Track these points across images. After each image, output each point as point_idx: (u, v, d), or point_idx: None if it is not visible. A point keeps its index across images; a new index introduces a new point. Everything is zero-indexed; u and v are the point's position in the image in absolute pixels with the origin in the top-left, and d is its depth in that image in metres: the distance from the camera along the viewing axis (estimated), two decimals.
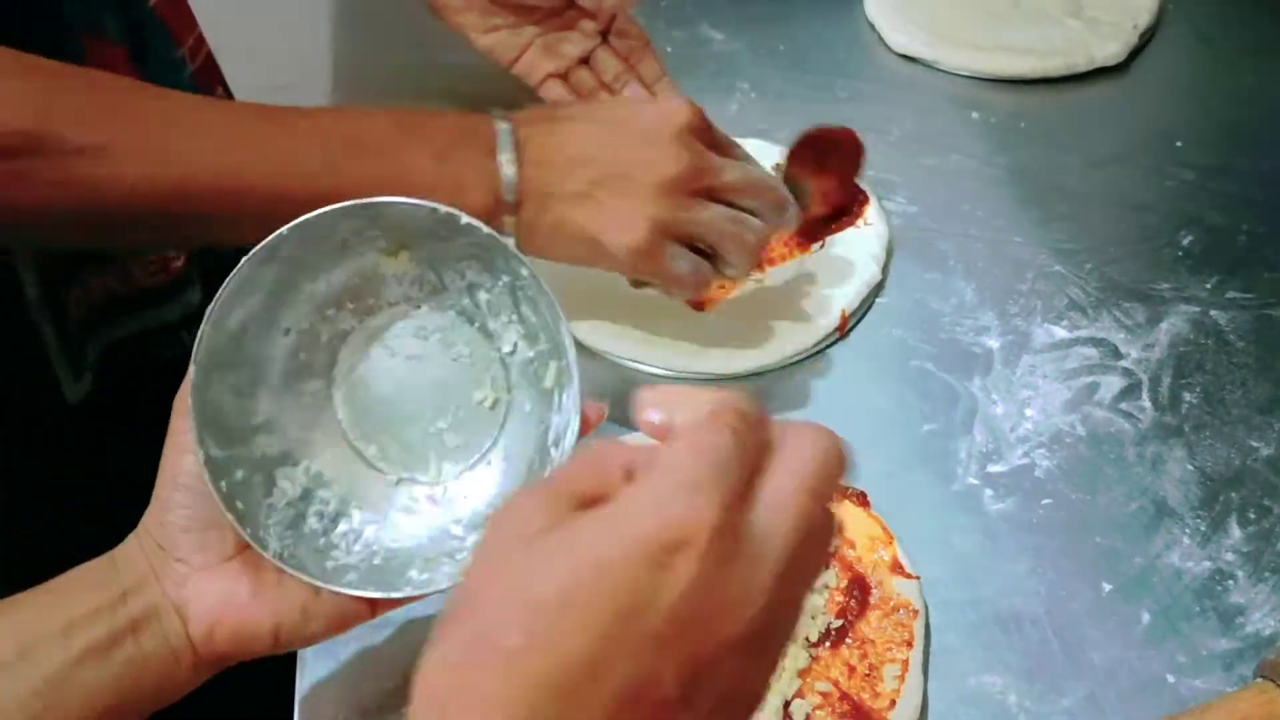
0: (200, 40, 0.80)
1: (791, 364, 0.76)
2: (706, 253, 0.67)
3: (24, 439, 0.71)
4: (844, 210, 0.79)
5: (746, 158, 0.70)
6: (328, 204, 0.52)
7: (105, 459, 0.75)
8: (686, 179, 0.64)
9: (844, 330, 0.78)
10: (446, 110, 0.72)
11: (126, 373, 0.73)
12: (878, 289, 0.81)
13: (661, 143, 0.64)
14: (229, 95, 0.85)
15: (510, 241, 0.57)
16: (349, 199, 0.52)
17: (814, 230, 0.77)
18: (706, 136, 0.67)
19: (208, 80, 0.81)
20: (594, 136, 0.65)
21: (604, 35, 0.88)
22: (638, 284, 0.71)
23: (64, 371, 0.68)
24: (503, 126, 0.63)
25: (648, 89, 0.88)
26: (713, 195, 0.66)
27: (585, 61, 0.88)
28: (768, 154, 0.85)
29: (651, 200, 0.64)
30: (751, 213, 0.67)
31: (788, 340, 0.76)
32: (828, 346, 0.77)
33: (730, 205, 0.67)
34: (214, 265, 0.80)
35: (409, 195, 0.54)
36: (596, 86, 0.88)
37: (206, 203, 0.57)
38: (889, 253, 0.83)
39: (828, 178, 0.78)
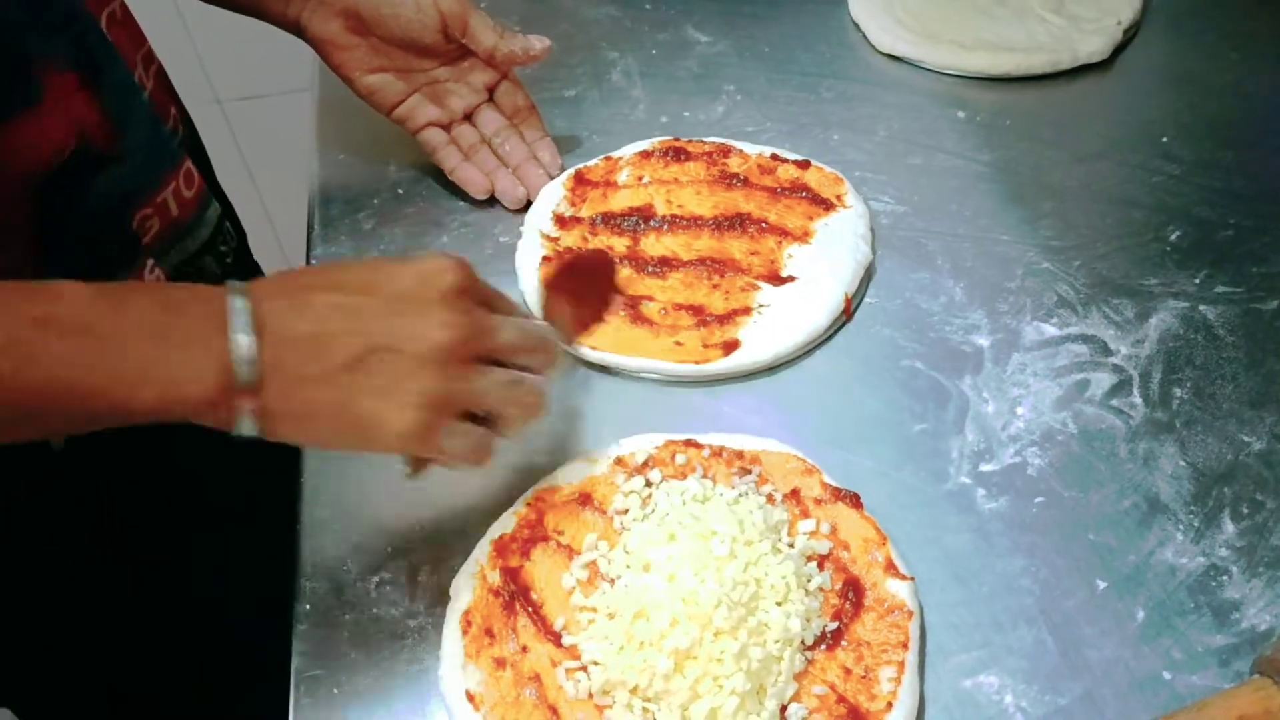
0: (149, 57, 0.79)
1: (785, 363, 0.75)
2: (482, 418, 0.61)
3: (13, 481, 0.70)
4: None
5: (512, 309, 0.63)
6: (23, 395, 0.50)
7: (99, 494, 0.74)
8: (460, 346, 0.57)
9: (849, 313, 0.78)
10: (177, 283, 0.67)
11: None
12: (872, 268, 0.81)
13: (429, 308, 0.57)
14: (184, 114, 0.84)
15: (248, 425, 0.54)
16: (44, 402, 0.50)
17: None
18: (476, 292, 0.60)
19: (162, 100, 0.80)
20: (348, 307, 0.56)
21: (490, 94, 0.89)
22: (417, 465, 0.63)
23: None
24: (238, 301, 0.54)
25: (529, 147, 0.89)
26: (487, 360, 0.59)
27: (468, 118, 0.89)
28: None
29: (424, 375, 0.56)
30: (524, 368, 0.61)
31: (798, 329, 0.76)
32: (836, 331, 0.78)
33: (505, 365, 0.60)
34: None
35: (109, 384, 0.51)
36: (479, 141, 0.89)
37: None
38: (874, 231, 0.83)
39: (588, 304, 0.75)
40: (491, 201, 0.88)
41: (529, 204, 0.86)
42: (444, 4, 0.82)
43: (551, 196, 0.86)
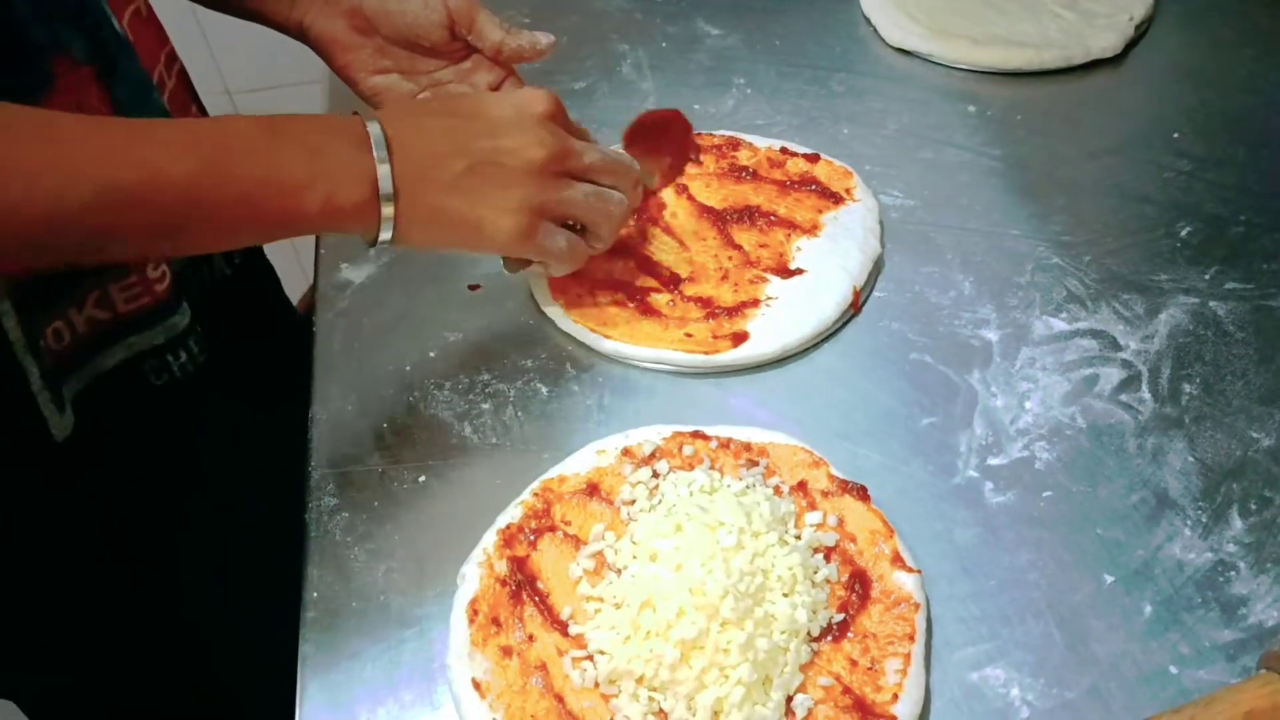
0: (172, 57, 0.79)
1: (794, 355, 0.75)
2: (575, 229, 0.71)
3: (13, 481, 0.70)
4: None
5: (595, 140, 0.74)
6: (204, 209, 0.57)
7: (102, 492, 0.74)
8: (552, 161, 0.67)
9: (858, 306, 0.78)
10: (313, 113, 0.72)
11: (116, 403, 0.72)
12: (880, 261, 0.81)
13: (525, 130, 0.67)
14: (203, 114, 0.84)
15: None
16: (226, 202, 0.58)
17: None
18: (564, 122, 0.70)
19: (181, 100, 0.80)
20: (461, 129, 0.66)
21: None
22: (514, 265, 0.75)
23: (49, 409, 0.66)
24: (372, 123, 0.63)
25: None
26: (576, 176, 0.69)
27: None
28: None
29: (523, 184, 0.67)
30: (611, 189, 0.72)
31: (806, 322, 0.76)
32: (845, 324, 0.78)
33: (592, 184, 0.71)
34: (196, 287, 0.80)
35: (283, 194, 0.59)
36: None
37: (86, 220, 0.55)
38: (883, 225, 0.83)
39: (662, 157, 0.84)
40: None
41: None
42: (451, 1, 0.82)
43: None
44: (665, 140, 0.85)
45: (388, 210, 0.63)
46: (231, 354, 0.81)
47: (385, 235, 0.64)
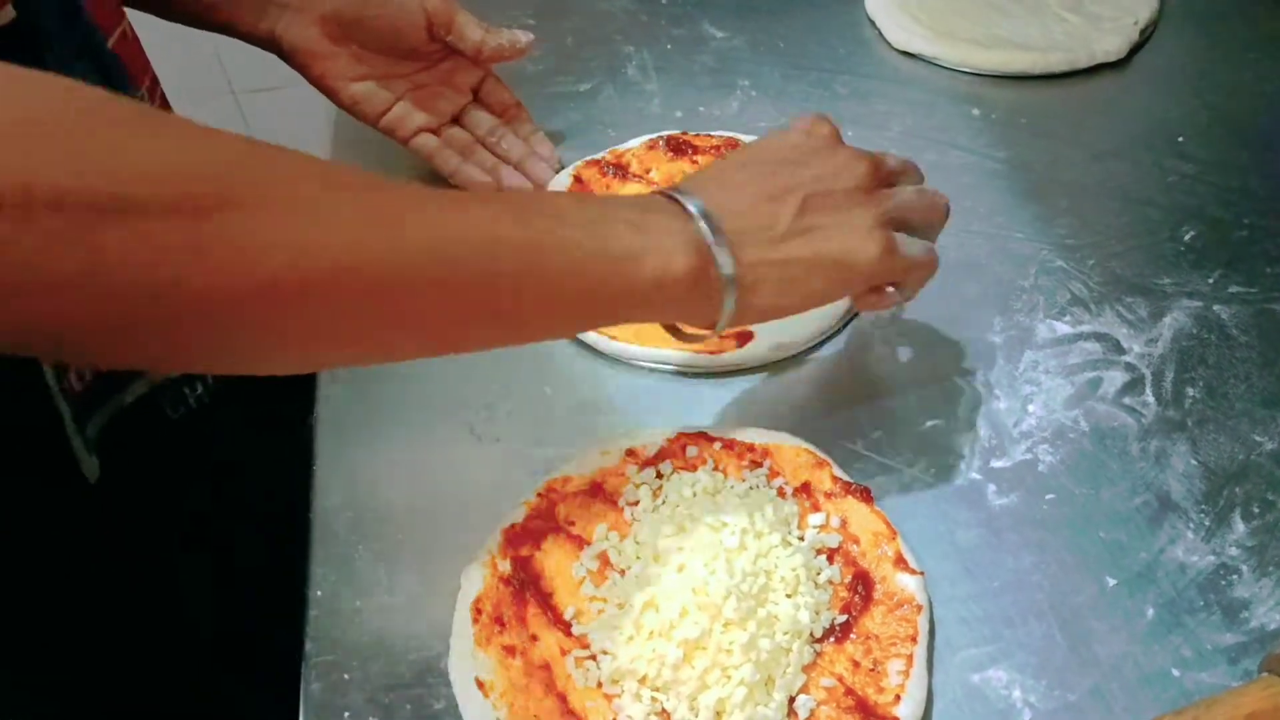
0: (155, 82, 0.78)
1: (797, 356, 0.76)
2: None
3: (48, 524, 0.69)
4: None
5: None
6: (537, 278, 0.51)
7: (124, 534, 0.73)
8: (872, 173, 0.63)
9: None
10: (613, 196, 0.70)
11: (138, 439, 0.71)
12: None
13: (828, 151, 0.63)
14: None
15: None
16: (559, 272, 0.52)
17: None
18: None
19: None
20: (769, 172, 0.61)
21: (474, 94, 0.88)
22: (877, 291, 0.64)
23: (80, 450, 0.65)
24: (678, 193, 0.58)
25: (525, 142, 0.88)
26: (888, 183, 0.65)
27: (456, 120, 0.87)
28: None
29: (862, 202, 0.61)
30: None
31: (810, 322, 0.76)
32: (848, 324, 0.78)
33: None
34: None
35: (615, 265, 0.53)
36: (472, 141, 0.87)
37: (417, 284, 0.48)
38: None
39: None
40: None
41: None
42: (429, 2, 0.80)
43: (559, 186, 0.86)
44: None
45: (727, 270, 0.57)
46: (242, 381, 0.81)
47: (728, 303, 0.58)
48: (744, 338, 0.74)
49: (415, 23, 0.80)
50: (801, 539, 0.63)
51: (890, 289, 0.64)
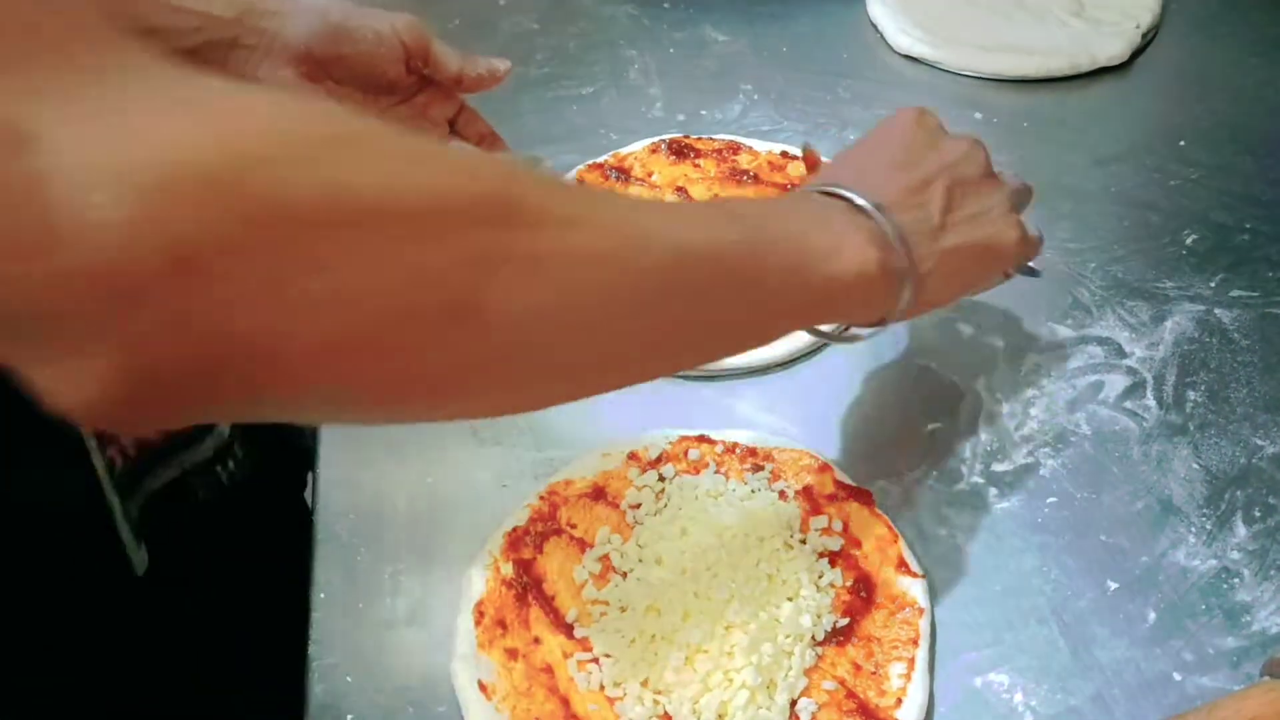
0: None
1: (799, 360, 0.76)
2: None
3: (99, 618, 0.68)
4: None
5: None
6: (757, 276, 0.49)
7: (170, 631, 0.72)
8: (988, 157, 0.63)
9: None
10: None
11: (170, 525, 0.69)
12: None
13: (948, 138, 0.62)
14: None
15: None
16: (775, 270, 0.50)
17: None
18: None
19: None
20: (907, 160, 0.60)
21: (451, 126, 0.86)
22: (1020, 260, 0.66)
23: (130, 541, 0.64)
24: (840, 188, 0.56)
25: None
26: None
27: None
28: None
29: (994, 187, 0.62)
30: None
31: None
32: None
33: None
34: None
35: (821, 260, 0.52)
36: None
37: (684, 277, 0.46)
38: None
39: None
40: None
41: None
42: (405, 34, 0.79)
43: None
44: None
45: (903, 263, 0.55)
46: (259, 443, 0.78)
47: (905, 296, 0.56)
48: None
49: (392, 56, 0.78)
50: (803, 542, 0.63)
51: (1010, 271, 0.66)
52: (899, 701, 0.57)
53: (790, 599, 0.60)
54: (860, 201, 0.55)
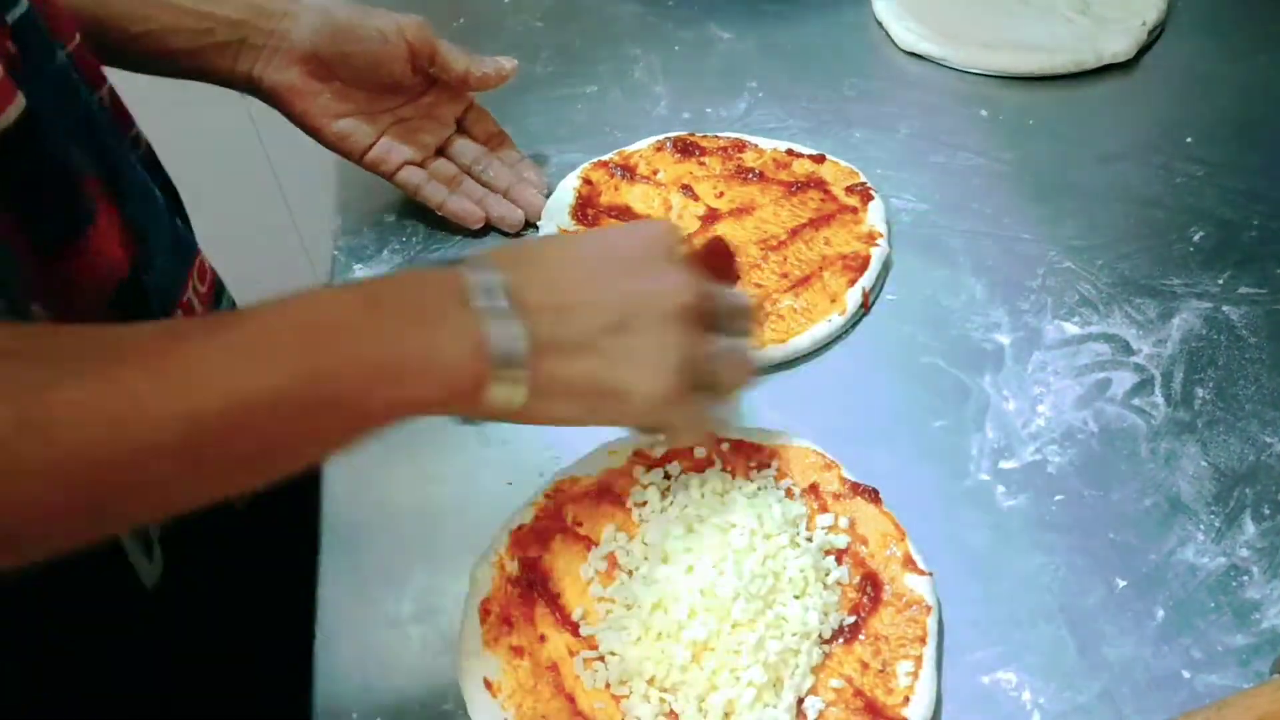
0: (138, 138, 0.75)
1: (805, 358, 0.76)
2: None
3: (106, 632, 0.67)
4: None
5: None
6: (294, 426, 0.46)
7: (180, 641, 0.72)
8: (696, 305, 0.56)
9: (867, 307, 0.78)
10: (414, 270, 0.65)
11: (184, 538, 0.69)
12: (889, 263, 0.81)
13: (663, 270, 0.56)
14: (169, 184, 0.79)
15: None
16: (318, 408, 0.47)
17: None
18: (684, 256, 0.59)
19: (152, 164, 0.77)
20: (594, 273, 0.55)
21: (458, 125, 0.87)
22: (647, 435, 0.64)
23: (136, 557, 0.64)
24: (489, 277, 0.51)
25: (513, 169, 0.87)
26: (711, 325, 0.58)
27: (440, 151, 0.86)
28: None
29: (675, 337, 0.55)
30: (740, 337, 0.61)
31: (816, 325, 0.76)
32: (854, 325, 0.78)
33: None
34: None
35: (391, 385, 0.48)
36: (458, 172, 0.86)
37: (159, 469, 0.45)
38: (890, 226, 0.83)
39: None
40: None
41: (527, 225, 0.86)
42: (411, 34, 0.80)
43: (568, 188, 0.86)
44: (725, 270, 0.75)
45: (515, 385, 0.51)
46: None
47: (499, 410, 0.52)
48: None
49: (398, 55, 0.80)
50: (810, 540, 0.63)
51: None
52: (906, 699, 0.57)
53: (797, 597, 0.59)
54: (481, 304, 0.50)
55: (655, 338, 0.55)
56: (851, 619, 0.60)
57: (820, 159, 0.87)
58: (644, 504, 0.65)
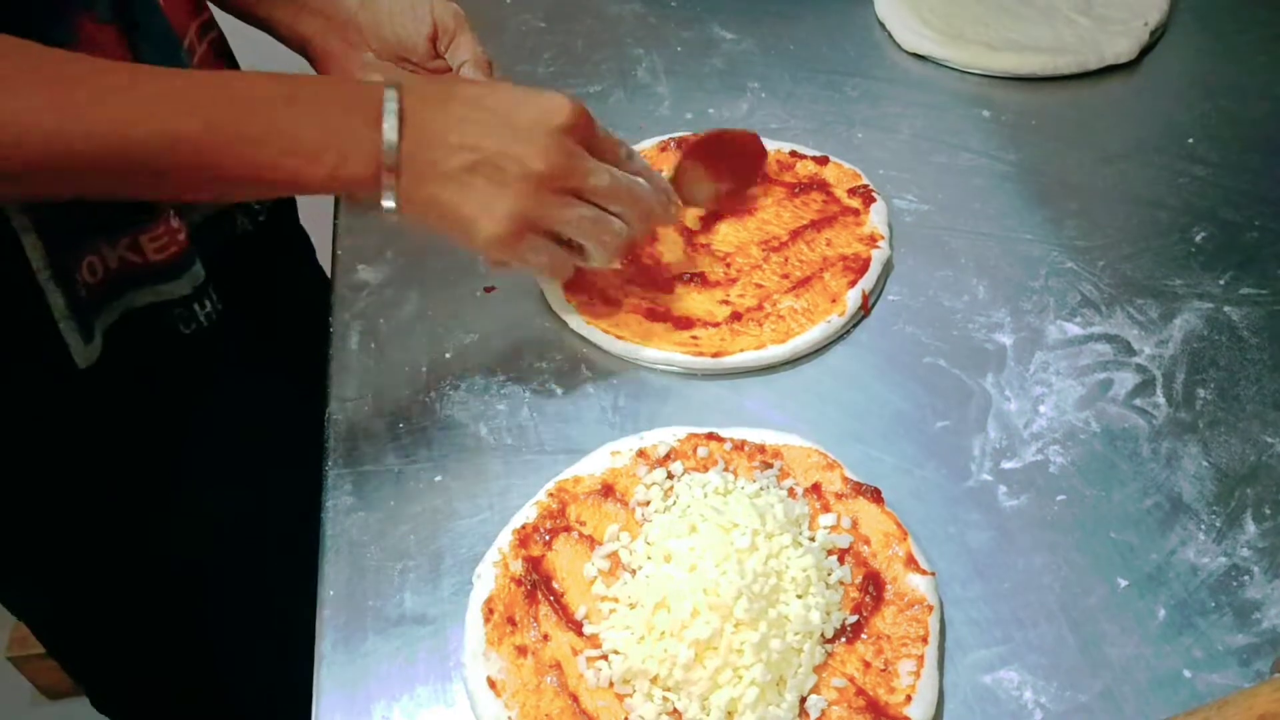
0: (210, 24, 0.81)
1: (808, 358, 0.76)
2: (566, 242, 0.70)
3: (32, 403, 0.72)
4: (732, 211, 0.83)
5: (631, 156, 0.73)
6: (207, 167, 0.59)
7: (116, 424, 0.76)
8: (553, 177, 0.66)
9: (867, 309, 0.78)
10: (336, 77, 0.77)
11: (141, 340, 0.74)
12: (890, 264, 0.81)
13: (536, 139, 0.66)
14: None
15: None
16: (233, 164, 0.60)
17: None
18: (587, 135, 0.68)
19: (214, 66, 0.81)
20: (477, 122, 0.66)
21: None
22: (495, 264, 0.73)
23: (72, 337, 0.69)
24: (390, 95, 0.64)
25: None
26: (579, 195, 0.68)
27: None
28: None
29: (518, 194, 0.66)
30: (617, 216, 0.70)
31: (816, 326, 0.76)
32: (853, 326, 0.78)
33: (596, 206, 0.69)
34: (214, 242, 0.80)
35: (291, 160, 0.61)
36: None
37: (96, 163, 0.58)
38: (892, 227, 0.83)
39: (725, 179, 0.83)
40: None
41: None
42: (440, 14, 0.84)
43: None
44: (731, 162, 0.83)
45: (389, 188, 0.64)
46: (252, 311, 0.84)
47: (389, 205, 0.65)
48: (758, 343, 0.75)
49: (424, 33, 0.84)
50: (812, 539, 0.63)
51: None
52: (908, 699, 0.57)
53: (799, 596, 0.60)
54: (388, 130, 0.63)
55: (497, 188, 0.65)
56: (854, 618, 0.60)
57: (824, 161, 0.88)
58: (647, 503, 0.65)
